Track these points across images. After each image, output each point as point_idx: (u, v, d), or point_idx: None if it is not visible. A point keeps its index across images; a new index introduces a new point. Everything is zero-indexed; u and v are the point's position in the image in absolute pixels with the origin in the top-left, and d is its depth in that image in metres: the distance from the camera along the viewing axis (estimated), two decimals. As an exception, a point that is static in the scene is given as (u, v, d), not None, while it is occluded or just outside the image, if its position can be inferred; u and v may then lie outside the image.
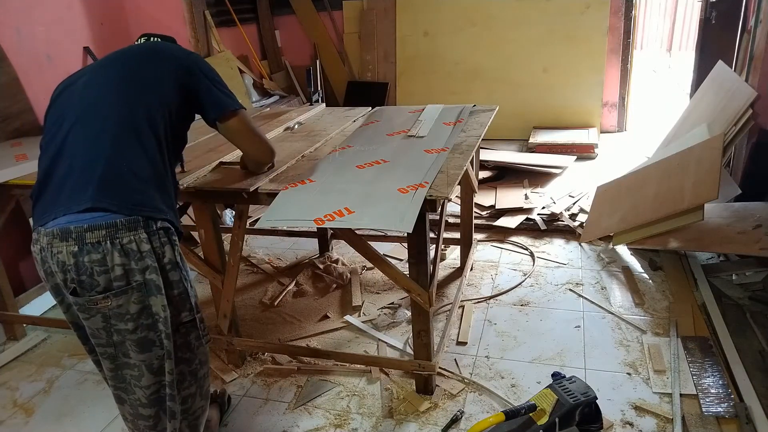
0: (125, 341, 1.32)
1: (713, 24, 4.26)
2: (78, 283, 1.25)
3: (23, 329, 2.65)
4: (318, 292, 2.86)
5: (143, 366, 1.35)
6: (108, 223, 1.25)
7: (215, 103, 1.55)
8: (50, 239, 1.25)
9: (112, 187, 1.28)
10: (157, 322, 1.33)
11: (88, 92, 1.43)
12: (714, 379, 2.01)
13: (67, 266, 1.25)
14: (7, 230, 2.61)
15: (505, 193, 3.76)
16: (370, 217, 1.64)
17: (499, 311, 2.60)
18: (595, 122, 5.01)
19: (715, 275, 2.69)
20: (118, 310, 1.28)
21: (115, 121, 1.35)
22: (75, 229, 1.24)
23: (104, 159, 1.30)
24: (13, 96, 2.79)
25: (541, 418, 1.62)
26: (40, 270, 1.34)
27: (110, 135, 1.34)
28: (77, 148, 1.33)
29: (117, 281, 1.26)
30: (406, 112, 2.80)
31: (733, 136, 2.91)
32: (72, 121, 1.38)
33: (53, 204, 1.29)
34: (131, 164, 1.32)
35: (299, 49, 5.67)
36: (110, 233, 1.25)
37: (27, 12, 2.91)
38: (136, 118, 1.37)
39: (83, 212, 1.26)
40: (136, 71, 1.46)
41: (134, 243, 1.27)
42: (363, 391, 2.14)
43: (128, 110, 1.38)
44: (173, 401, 1.41)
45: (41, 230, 1.28)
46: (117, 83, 1.42)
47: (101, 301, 1.25)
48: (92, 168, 1.29)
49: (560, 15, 4.87)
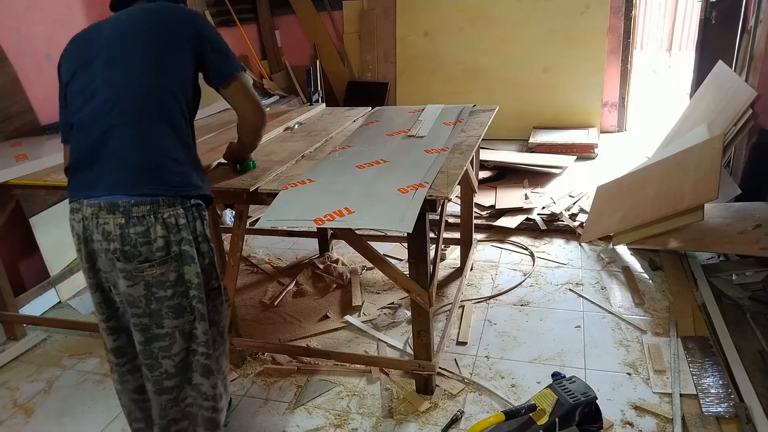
0: (162, 308, 1.44)
1: (713, 24, 4.26)
2: (122, 252, 1.37)
3: (23, 329, 2.65)
4: (318, 292, 2.86)
5: (176, 332, 1.47)
6: (152, 200, 1.38)
7: (221, 68, 1.58)
8: (96, 210, 1.37)
9: (154, 175, 1.40)
10: (190, 289, 1.46)
11: (113, 74, 1.45)
12: (714, 379, 2.01)
13: (112, 236, 1.37)
14: (7, 230, 2.61)
15: (505, 193, 3.76)
16: (370, 217, 1.64)
17: (499, 311, 2.60)
18: (595, 122, 5.01)
19: (715, 275, 2.69)
20: (159, 278, 1.41)
21: (148, 107, 1.43)
22: (122, 203, 1.36)
23: (143, 147, 1.41)
24: (13, 96, 2.79)
25: (541, 418, 1.62)
26: (76, 236, 1.44)
27: (145, 121, 1.42)
28: (116, 133, 1.40)
29: (158, 251, 1.39)
30: (406, 112, 2.80)
31: (733, 136, 2.91)
32: (104, 102, 1.42)
33: (96, 182, 1.40)
34: (168, 151, 1.43)
35: (299, 49, 5.67)
36: (153, 209, 1.38)
37: (27, 12, 2.91)
38: (165, 101, 1.45)
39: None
40: (157, 52, 1.47)
41: (173, 217, 1.40)
42: (363, 391, 2.14)
43: (157, 96, 1.44)
44: (210, 359, 1.53)
45: (84, 201, 1.39)
46: (141, 67, 1.45)
47: (147, 270, 1.38)
48: (133, 156, 1.40)
49: (560, 15, 4.87)
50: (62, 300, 2.92)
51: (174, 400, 1.54)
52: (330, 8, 5.50)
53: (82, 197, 1.40)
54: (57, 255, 2.89)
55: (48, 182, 2.15)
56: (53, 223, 2.86)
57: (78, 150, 1.45)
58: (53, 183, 2.14)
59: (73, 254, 2.94)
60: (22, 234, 2.77)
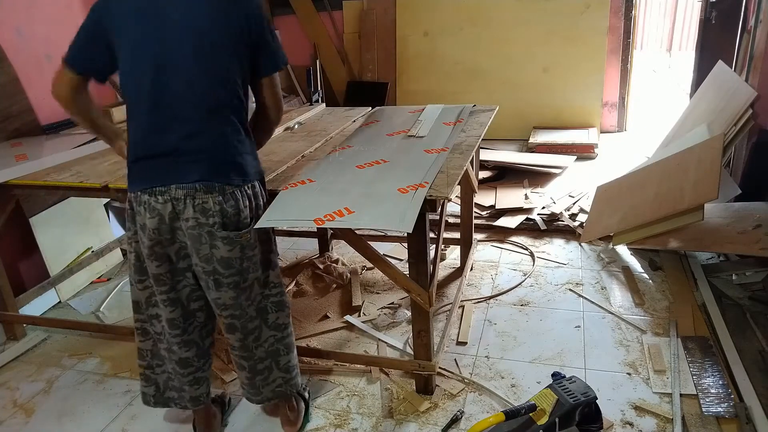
0: (250, 265, 1.69)
1: (713, 24, 4.26)
2: (221, 225, 1.59)
3: (23, 329, 2.65)
4: (318, 292, 2.86)
5: (255, 282, 1.74)
6: (237, 181, 1.61)
7: (275, 59, 1.67)
8: (191, 192, 1.55)
9: (235, 168, 1.60)
10: (263, 244, 1.75)
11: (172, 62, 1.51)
12: (714, 379, 2.01)
13: (212, 212, 1.57)
14: (7, 230, 2.61)
15: (505, 193, 3.76)
16: (370, 217, 1.64)
17: (499, 311, 2.60)
18: (595, 122, 5.01)
19: (715, 275, 2.69)
20: (250, 241, 1.66)
21: (221, 103, 1.57)
22: (218, 185, 1.57)
23: (224, 145, 1.59)
24: (13, 96, 2.79)
25: (541, 418, 1.62)
26: (158, 216, 1.58)
27: (221, 118, 1.57)
28: (193, 125, 1.55)
29: (245, 220, 1.64)
30: (406, 112, 2.80)
31: (733, 136, 2.91)
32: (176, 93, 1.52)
33: (185, 170, 1.55)
34: (241, 146, 1.62)
35: (299, 49, 5.67)
36: (239, 186, 1.62)
37: (27, 12, 2.91)
38: (233, 96, 1.58)
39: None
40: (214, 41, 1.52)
41: (251, 190, 1.66)
42: (363, 391, 2.14)
43: (228, 90, 1.57)
44: (283, 296, 1.86)
45: (173, 186, 1.55)
46: (198, 57, 1.52)
47: (244, 235, 1.63)
48: (217, 153, 1.57)
49: (560, 15, 4.87)
50: (62, 300, 2.92)
51: (257, 339, 1.81)
52: (330, 8, 5.50)
53: (170, 182, 1.55)
54: (57, 255, 2.89)
55: (48, 182, 2.15)
56: (53, 223, 2.86)
57: (150, 134, 1.56)
58: (53, 183, 2.14)
59: (73, 254, 2.97)
60: (22, 234, 2.77)
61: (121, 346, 2.48)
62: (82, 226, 3.08)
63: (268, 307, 1.82)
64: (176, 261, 1.68)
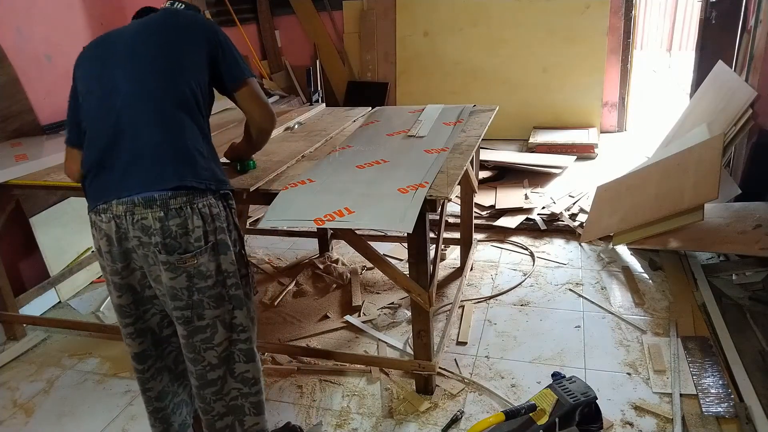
0: (203, 299, 1.46)
1: (713, 24, 4.27)
2: (163, 245, 1.39)
3: (23, 329, 2.65)
4: (318, 292, 2.86)
5: (217, 322, 1.50)
6: (187, 192, 1.41)
7: (233, 72, 1.60)
8: (130, 207, 1.38)
9: (187, 167, 1.42)
10: (227, 277, 1.50)
11: (134, 70, 1.46)
12: (714, 379, 2.01)
13: (153, 230, 1.38)
14: (7, 230, 2.61)
15: (505, 193, 3.76)
16: (370, 217, 1.64)
17: (499, 311, 2.60)
18: (595, 122, 5.01)
19: (715, 275, 2.69)
20: (199, 268, 1.43)
21: (170, 103, 1.44)
22: (159, 197, 1.38)
23: (172, 141, 1.42)
24: (13, 96, 2.79)
25: (541, 418, 1.62)
26: (106, 238, 1.44)
27: (170, 117, 1.44)
28: (139, 130, 1.42)
29: (196, 242, 1.42)
30: (406, 112, 2.80)
31: (733, 136, 2.91)
32: (123, 99, 1.43)
33: (125, 180, 1.40)
34: (195, 144, 1.46)
35: (299, 49, 5.67)
36: (189, 200, 1.41)
37: (27, 12, 2.91)
38: (186, 98, 1.47)
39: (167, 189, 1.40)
40: (176, 51, 1.50)
41: (207, 207, 1.43)
42: (363, 391, 2.14)
43: (179, 92, 1.46)
44: (252, 343, 1.59)
45: (113, 202, 1.40)
46: (162, 64, 1.47)
47: (189, 260, 1.41)
48: (165, 151, 1.41)
49: (560, 15, 4.87)
50: (62, 300, 2.92)
51: (218, 393, 1.57)
52: (330, 8, 5.50)
53: (111, 198, 1.40)
54: (57, 255, 2.89)
55: (48, 182, 2.15)
56: (53, 223, 2.86)
57: (97, 151, 1.43)
58: (53, 183, 2.14)
59: (73, 254, 2.97)
60: (22, 234, 2.77)
61: (121, 346, 2.46)
62: (82, 226, 3.07)
63: (236, 355, 1.56)
64: (141, 290, 1.51)
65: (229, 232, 1.50)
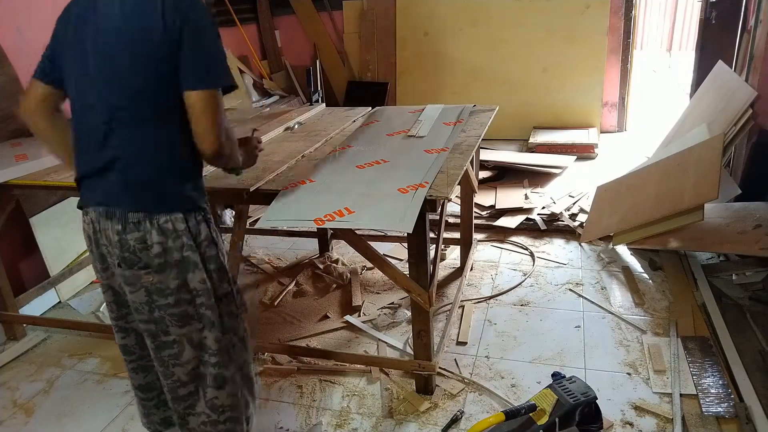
0: (165, 316, 1.40)
1: (713, 24, 4.27)
2: (122, 259, 1.35)
3: (23, 329, 2.64)
4: (318, 292, 2.86)
5: (184, 340, 1.43)
6: (138, 210, 1.34)
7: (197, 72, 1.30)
8: (98, 216, 1.36)
9: (151, 190, 1.34)
10: (196, 297, 1.41)
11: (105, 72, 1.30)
12: (714, 379, 2.01)
13: (113, 242, 1.35)
14: (7, 230, 2.61)
15: (505, 193, 3.76)
16: (370, 217, 1.64)
17: (499, 311, 2.60)
18: (595, 122, 5.01)
19: (715, 275, 2.69)
20: (159, 285, 1.37)
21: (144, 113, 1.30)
22: (118, 211, 1.34)
23: (140, 159, 1.32)
24: (13, 96, 2.78)
25: (541, 418, 1.62)
26: (88, 238, 1.43)
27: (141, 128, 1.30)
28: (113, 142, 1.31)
29: (156, 258, 1.34)
30: (406, 112, 2.80)
31: (733, 136, 2.91)
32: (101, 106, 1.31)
33: (97, 190, 1.37)
34: (165, 162, 1.33)
35: (299, 49, 5.67)
36: (148, 215, 1.33)
37: (27, 12, 2.91)
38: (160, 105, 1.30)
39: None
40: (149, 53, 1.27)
41: (170, 222, 1.34)
42: (363, 391, 2.14)
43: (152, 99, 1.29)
44: (224, 368, 1.48)
45: (89, 209, 1.39)
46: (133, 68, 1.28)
47: (144, 276, 1.35)
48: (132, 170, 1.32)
49: (560, 15, 4.87)
50: (62, 300, 2.92)
51: (190, 408, 1.51)
52: (330, 8, 5.50)
53: (90, 203, 1.39)
54: (57, 255, 2.89)
55: (48, 182, 2.15)
56: (53, 223, 2.86)
57: (83, 156, 1.39)
58: (53, 183, 2.14)
59: (73, 254, 2.97)
60: (22, 234, 2.77)
61: (121, 346, 2.48)
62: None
63: (207, 377, 1.47)
64: (122, 293, 1.45)
65: (198, 248, 1.38)
